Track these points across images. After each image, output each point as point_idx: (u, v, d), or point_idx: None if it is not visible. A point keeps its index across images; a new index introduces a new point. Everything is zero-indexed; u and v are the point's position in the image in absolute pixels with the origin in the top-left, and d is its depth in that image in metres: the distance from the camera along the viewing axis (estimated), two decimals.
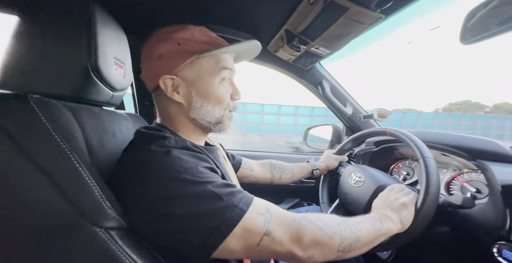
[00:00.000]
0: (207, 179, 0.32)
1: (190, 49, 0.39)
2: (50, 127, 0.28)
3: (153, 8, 0.62)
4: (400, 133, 0.55)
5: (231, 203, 0.30)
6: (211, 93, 0.40)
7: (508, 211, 0.40)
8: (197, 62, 0.39)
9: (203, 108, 0.40)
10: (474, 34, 0.40)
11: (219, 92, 0.41)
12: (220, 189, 0.31)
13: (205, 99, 0.40)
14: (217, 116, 0.42)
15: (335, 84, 0.91)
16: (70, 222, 0.28)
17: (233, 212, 0.30)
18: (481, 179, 0.53)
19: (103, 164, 0.37)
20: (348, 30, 0.58)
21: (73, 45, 0.37)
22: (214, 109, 0.41)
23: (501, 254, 0.40)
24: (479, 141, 0.53)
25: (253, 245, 0.30)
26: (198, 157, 0.35)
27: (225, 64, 0.41)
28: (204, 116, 0.41)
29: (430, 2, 21.75)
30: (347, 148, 0.76)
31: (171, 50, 0.39)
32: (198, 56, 0.39)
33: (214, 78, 0.40)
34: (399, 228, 0.41)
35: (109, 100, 0.46)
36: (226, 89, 0.43)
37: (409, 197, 0.46)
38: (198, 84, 0.40)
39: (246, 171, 0.69)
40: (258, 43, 0.44)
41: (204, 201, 0.30)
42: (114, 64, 0.43)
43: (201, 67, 0.40)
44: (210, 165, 0.36)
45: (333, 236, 0.33)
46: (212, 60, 0.40)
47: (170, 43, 0.39)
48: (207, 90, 0.40)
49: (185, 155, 0.34)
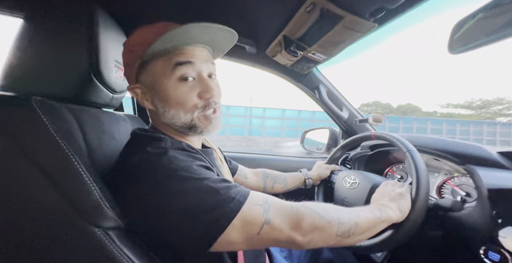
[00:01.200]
0: (203, 175, 0.33)
1: (139, 54, 0.36)
2: (52, 128, 0.29)
3: (153, 12, 0.63)
4: (384, 134, 0.57)
5: (228, 196, 0.31)
6: (169, 96, 0.37)
7: (494, 214, 0.41)
8: (150, 65, 0.37)
9: (167, 113, 0.38)
10: (462, 44, 0.42)
11: (178, 94, 0.37)
12: (217, 184, 0.32)
13: (166, 104, 0.37)
14: (184, 121, 0.38)
15: (332, 89, 0.93)
16: (69, 222, 0.29)
17: (232, 204, 0.31)
18: (470, 183, 0.55)
19: (102, 164, 0.37)
20: (344, 37, 0.59)
21: (75, 48, 0.38)
22: (179, 113, 0.38)
23: (487, 256, 0.41)
24: (469, 147, 0.54)
25: (254, 235, 0.31)
26: (194, 157, 0.36)
27: (179, 58, 0.36)
28: (172, 121, 0.39)
29: (422, 12, 22.53)
30: (337, 157, 0.77)
31: (126, 58, 0.39)
32: (140, 61, 0.37)
33: (169, 79, 0.36)
34: (398, 216, 0.42)
35: (109, 102, 0.46)
36: (190, 88, 0.37)
37: (404, 188, 0.47)
38: (157, 89, 0.37)
39: (240, 178, 0.70)
40: (221, 26, 0.36)
41: (202, 196, 0.30)
42: (115, 67, 0.44)
43: (154, 69, 0.37)
44: (205, 164, 0.36)
45: (331, 221, 0.34)
46: (166, 59, 0.36)
47: (125, 53, 0.39)
48: (165, 93, 0.37)
49: (180, 155, 0.34)
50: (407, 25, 0.66)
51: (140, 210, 0.31)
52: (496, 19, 0.37)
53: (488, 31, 0.38)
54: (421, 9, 0.51)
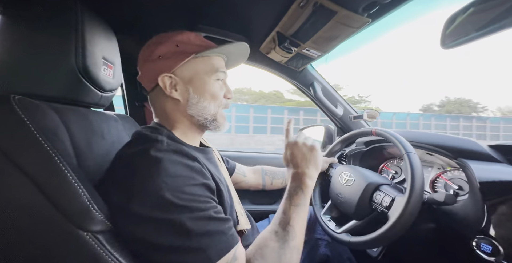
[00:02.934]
0: (187, 203, 0.30)
1: (187, 50, 0.42)
2: (33, 128, 0.28)
3: (143, 8, 0.61)
4: (385, 132, 0.57)
5: (196, 246, 0.29)
6: (207, 90, 0.43)
7: (486, 206, 0.42)
8: (194, 62, 0.43)
9: (200, 104, 0.43)
10: (453, 39, 0.42)
11: (214, 89, 0.44)
12: (195, 222, 0.29)
13: (202, 96, 0.43)
14: (212, 112, 0.44)
15: (326, 86, 0.93)
16: (56, 226, 0.27)
17: (196, 259, 0.28)
18: (462, 177, 0.56)
19: (91, 165, 0.36)
20: (337, 33, 0.59)
21: (59, 44, 0.36)
22: (210, 105, 0.44)
23: (480, 247, 0.42)
24: (461, 141, 0.55)
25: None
26: (192, 169, 0.34)
27: (219, 66, 0.45)
28: (200, 112, 0.43)
29: (415, 7, 22.62)
30: (337, 150, 0.78)
31: (169, 51, 0.42)
32: (195, 55, 0.42)
33: (210, 77, 0.44)
34: (315, 175, 0.46)
35: (98, 101, 0.45)
36: (220, 88, 0.46)
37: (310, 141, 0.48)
38: (195, 82, 0.43)
39: (239, 177, 0.70)
40: (247, 45, 0.47)
41: (170, 234, 0.29)
42: (103, 64, 0.42)
43: (197, 67, 0.43)
44: (203, 180, 0.34)
45: None
46: (207, 61, 0.44)
47: (169, 45, 0.42)
48: (204, 87, 0.43)
49: (175, 165, 0.33)
50: (401, 22, 0.66)
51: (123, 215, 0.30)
52: (486, 14, 0.37)
53: (478, 26, 0.38)
54: (414, 4, 0.51)
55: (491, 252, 0.40)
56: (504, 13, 0.34)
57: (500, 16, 0.35)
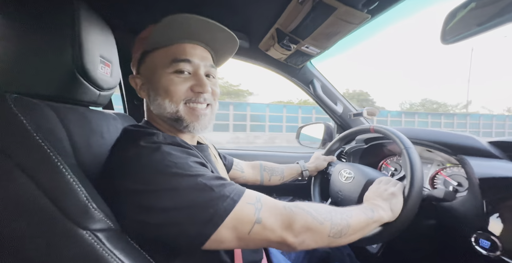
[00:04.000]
0: (198, 172, 0.32)
1: (141, 46, 0.41)
2: (30, 127, 0.27)
3: (140, 5, 0.61)
4: (383, 129, 0.57)
5: (222, 194, 0.31)
6: (160, 86, 0.39)
7: (485, 202, 0.42)
8: (150, 58, 0.41)
9: (156, 102, 0.40)
10: (454, 34, 0.42)
11: (168, 84, 0.39)
12: (211, 181, 0.32)
13: (157, 92, 0.40)
14: (169, 111, 0.39)
15: (326, 83, 0.92)
16: (56, 225, 0.27)
17: (225, 202, 0.30)
18: (462, 173, 0.56)
19: (90, 164, 0.36)
20: (337, 29, 0.59)
21: (56, 42, 0.35)
22: (164, 102, 0.39)
23: (479, 243, 0.42)
24: (460, 137, 0.55)
25: (245, 234, 0.31)
26: (188, 153, 0.35)
27: (177, 55, 0.39)
28: (160, 111, 0.40)
29: (414, 3, 22.25)
30: (335, 148, 0.78)
31: (137, 50, 0.43)
32: (145, 50, 0.41)
33: (165, 71, 0.39)
34: (390, 216, 0.43)
35: (96, 99, 0.45)
36: (183, 80, 0.39)
37: (397, 187, 0.48)
38: (152, 79, 0.41)
39: (237, 172, 0.70)
40: (211, 21, 0.38)
41: (196, 193, 0.30)
42: (100, 62, 0.42)
43: (153, 62, 0.40)
44: (200, 160, 0.36)
45: (323, 222, 0.34)
46: (164, 53, 0.40)
47: (137, 45, 0.43)
48: (158, 83, 0.40)
49: (174, 151, 0.34)
50: (400, 18, 0.65)
51: (132, 208, 0.30)
52: (487, 9, 0.37)
53: (480, 21, 0.38)
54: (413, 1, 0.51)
55: (490, 248, 0.40)
56: (506, 7, 0.34)
57: (502, 10, 0.35)
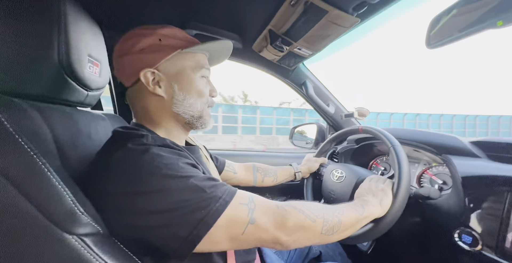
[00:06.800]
0: (189, 173, 0.32)
1: (172, 45, 0.40)
2: (11, 128, 0.26)
3: (132, 3, 0.60)
4: (371, 129, 0.59)
5: (214, 195, 0.31)
6: (193, 87, 0.42)
7: (467, 200, 0.44)
8: (179, 58, 0.41)
9: (186, 101, 0.41)
10: (438, 40, 0.44)
11: (200, 86, 0.43)
12: (203, 182, 0.31)
13: (188, 93, 0.42)
14: (199, 109, 0.43)
15: (318, 84, 0.94)
16: (41, 230, 0.26)
17: (218, 203, 0.30)
18: (446, 172, 0.58)
19: (77, 167, 0.35)
20: (328, 32, 0.60)
21: (41, 40, 0.34)
22: (196, 102, 0.42)
23: (461, 238, 0.44)
24: (445, 137, 0.58)
25: (238, 235, 0.31)
26: (179, 154, 0.35)
27: (203, 63, 0.44)
28: (187, 110, 0.42)
29: (402, 7, 23.22)
30: (326, 150, 0.79)
31: (152, 44, 0.40)
32: (180, 51, 0.41)
33: (195, 74, 0.42)
34: (379, 211, 0.44)
35: (83, 100, 0.43)
36: (206, 85, 0.45)
37: (386, 183, 0.49)
38: (181, 78, 0.41)
39: (229, 173, 0.69)
40: (231, 43, 0.47)
41: (187, 195, 0.30)
42: (88, 62, 0.41)
43: (183, 62, 0.41)
44: (191, 161, 0.35)
45: (316, 220, 0.35)
46: (193, 58, 0.43)
47: (151, 38, 0.40)
48: (190, 84, 0.42)
49: (164, 152, 0.33)
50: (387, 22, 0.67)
51: (120, 211, 0.30)
52: (467, 16, 0.39)
53: (461, 27, 0.40)
54: (401, 6, 0.53)
55: (471, 243, 0.42)
56: (485, 15, 0.36)
57: (481, 18, 0.37)
